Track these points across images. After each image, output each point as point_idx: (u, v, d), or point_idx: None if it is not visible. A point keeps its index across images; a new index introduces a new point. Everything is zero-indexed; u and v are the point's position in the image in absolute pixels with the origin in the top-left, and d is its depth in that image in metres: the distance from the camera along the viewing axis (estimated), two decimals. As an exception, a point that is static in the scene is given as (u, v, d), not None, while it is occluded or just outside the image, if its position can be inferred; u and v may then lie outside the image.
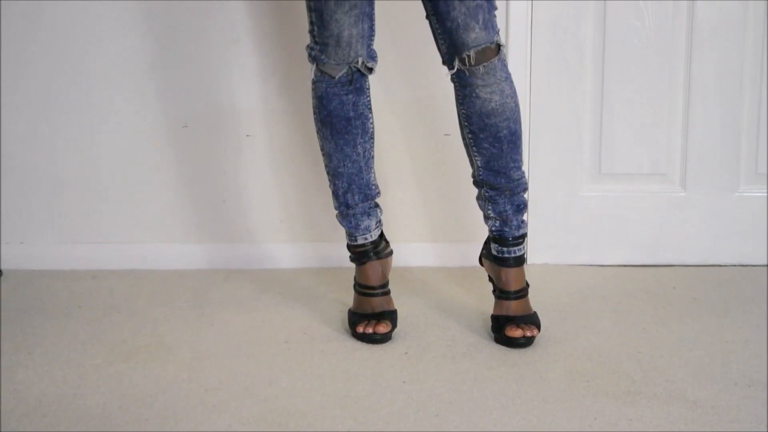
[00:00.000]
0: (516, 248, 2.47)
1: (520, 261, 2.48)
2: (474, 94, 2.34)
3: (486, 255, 2.53)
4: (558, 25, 2.91)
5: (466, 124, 2.39)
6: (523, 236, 2.48)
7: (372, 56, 2.40)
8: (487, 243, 2.54)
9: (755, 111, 2.94)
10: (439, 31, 2.31)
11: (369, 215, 2.52)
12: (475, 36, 2.27)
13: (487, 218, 2.48)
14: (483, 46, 2.28)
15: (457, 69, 2.32)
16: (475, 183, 2.47)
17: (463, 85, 2.35)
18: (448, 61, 2.35)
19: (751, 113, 2.95)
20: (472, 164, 2.44)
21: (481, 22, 2.26)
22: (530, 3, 2.90)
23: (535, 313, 2.49)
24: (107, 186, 3.04)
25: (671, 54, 2.92)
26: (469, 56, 2.29)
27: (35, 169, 3.04)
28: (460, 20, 2.26)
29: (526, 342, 2.41)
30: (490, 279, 2.54)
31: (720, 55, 2.91)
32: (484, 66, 2.30)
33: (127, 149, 3.03)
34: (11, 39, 2.97)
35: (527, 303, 2.49)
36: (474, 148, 2.40)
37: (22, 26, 2.96)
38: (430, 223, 3.05)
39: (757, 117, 2.95)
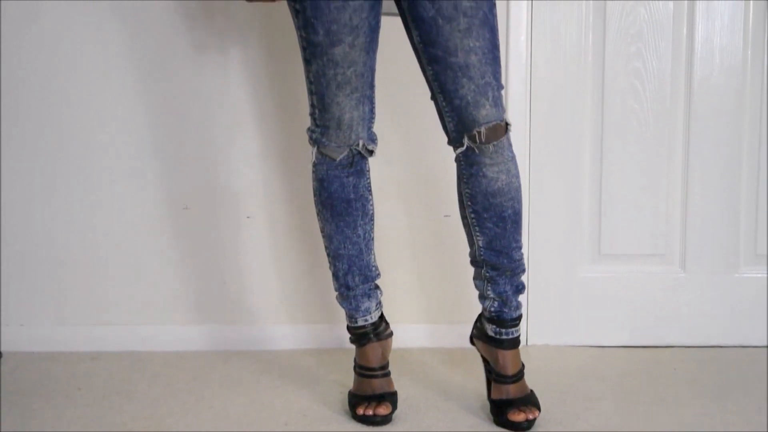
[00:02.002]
0: (513, 329, 2.46)
1: (517, 343, 2.47)
2: (481, 173, 2.35)
3: (479, 336, 2.52)
4: (556, 107, 2.94)
5: (469, 203, 2.39)
6: (520, 317, 2.47)
7: (372, 139, 2.41)
8: (478, 323, 2.53)
9: (753, 192, 2.96)
10: (447, 110, 2.33)
11: (369, 297, 2.52)
12: (486, 113, 2.29)
13: (484, 299, 2.47)
14: (494, 123, 2.30)
15: (467, 147, 2.33)
16: (475, 263, 2.47)
17: (470, 163, 2.36)
18: (455, 140, 2.35)
19: (750, 194, 2.96)
20: (472, 244, 2.44)
21: (491, 99, 2.28)
22: (528, 86, 2.93)
23: (532, 391, 2.48)
24: (107, 267, 3.05)
25: (669, 136, 2.95)
26: (480, 133, 2.30)
27: (35, 250, 3.04)
28: (470, 97, 2.27)
29: (528, 425, 2.39)
30: (484, 359, 2.53)
31: (717, 137, 2.94)
32: (494, 144, 2.31)
33: (127, 230, 3.04)
34: (13, 120, 2.99)
35: (524, 383, 2.48)
36: (477, 227, 2.40)
37: (23, 104, 2.98)
38: (428, 304, 3.05)
39: (756, 198, 2.96)
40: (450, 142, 2.38)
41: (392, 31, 2.44)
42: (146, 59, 2.97)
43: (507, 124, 2.32)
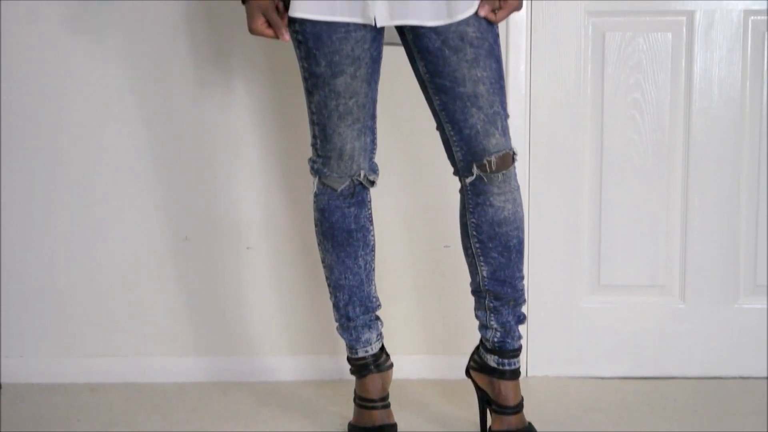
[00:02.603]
0: (515, 360, 2.46)
1: (517, 374, 2.47)
2: (488, 203, 2.35)
3: (478, 368, 2.50)
4: (556, 138, 2.95)
5: (475, 233, 2.39)
6: (521, 348, 2.47)
7: (374, 169, 2.42)
8: (476, 356, 2.52)
9: (753, 222, 2.96)
10: (455, 139, 2.33)
11: (370, 328, 2.52)
12: (495, 141, 2.29)
13: (486, 329, 2.47)
14: (503, 151, 2.31)
15: (476, 176, 2.34)
16: (477, 293, 2.46)
17: (477, 193, 2.36)
18: (464, 169, 2.35)
19: (749, 225, 2.97)
20: (475, 274, 2.44)
21: (500, 128, 2.29)
22: (528, 117, 2.94)
23: (530, 423, 2.47)
24: (107, 298, 3.04)
25: (669, 166, 2.96)
26: (490, 162, 2.30)
27: (35, 281, 3.04)
28: (479, 126, 2.28)
29: (530, 457, 2.40)
30: (480, 390, 2.52)
31: (717, 167, 2.95)
32: (503, 173, 2.32)
33: (126, 261, 3.03)
34: (13, 152, 2.99)
35: (523, 415, 2.47)
36: (481, 257, 2.40)
37: (23, 136, 2.98)
38: (429, 335, 3.04)
39: (755, 228, 2.96)
40: (457, 172, 2.39)
41: (394, 61, 2.45)
42: (148, 89, 2.97)
43: (514, 153, 2.33)
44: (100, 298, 3.04)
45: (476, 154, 2.31)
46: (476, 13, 2.23)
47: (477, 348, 2.52)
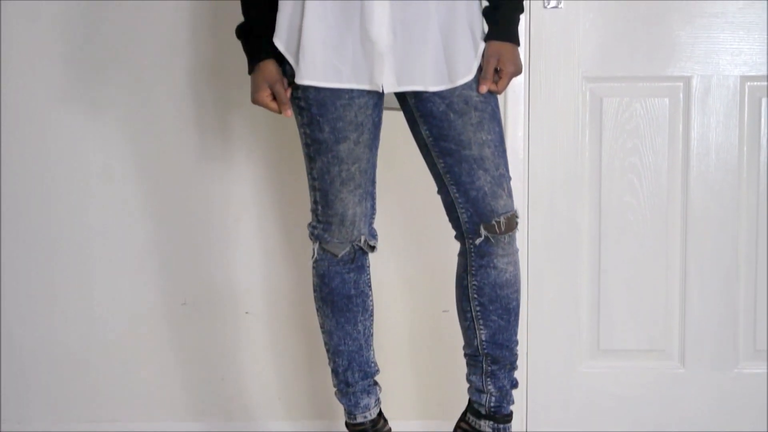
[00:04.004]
0: (508, 425, 2.45)
1: (511, 438, 2.47)
2: (491, 265, 2.35)
3: None
4: (554, 202, 2.96)
5: (476, 295, 2.39)
6: (512, 413, 2.46)
7: (373, 234, 2.42)
8: (463, 423, 2.51)
9: (752, 287, 2.97)
10: (461, 201, 2.33)
11: (368, 393, 2.51)
12: (504, 203, 2.30)
13: (481, 393, 2.45)
14: (510, 213, 2.32)
15: (484, 237, 2.34)
16: (472, 357, 2.45)
17: (481, 255, 2.36)
18: (470, 231, 2.35)
19: (748, 289, 2.97)
20: (472, 338, 2.43)
21: (506, 190, 2.31)
22: (526, 182, 2.95)
23: None
24: (105, 364, 3.03)
25: (667, 230, 2.96)
26: (499, 222, 2.31)
27: (34, 348, 3.03)
28: (487, 188, 2.29)
29: None
30: None
31: (715, 231, 2.95)
32: (508, 235, 2.33)
33: (125, 326, 3.03)
34: (11, 218, 2.99)
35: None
36: (481, 320, 2.40)
37: (22, 205, 2.99)
38: (426, 400, 3.03)
39: (754, 293, 2.97)
40: (460, 235, 2.39)
41: (393, 126, 2.46)
42: (148, 156, 2.98)
43: (517, 215, 2.35)
44: (98, 364, 3.03)
45: (484, 216, 2.31)
46: (478, 88, 2.26)
47: (464, 414, 2.51)
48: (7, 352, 3.03)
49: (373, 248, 2.43)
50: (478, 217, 2.32)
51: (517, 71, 2.30)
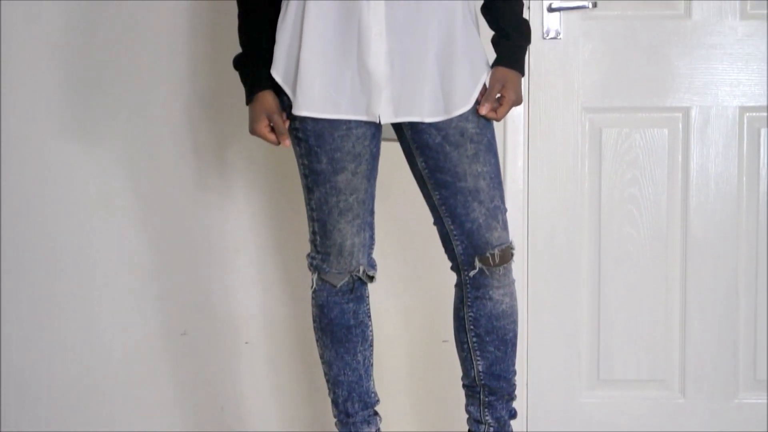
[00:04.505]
0: (507, 456, 2.45)
1: (509, 469, 2.46)
2: (487, 296, 2.35)
3: None
4: (554, 232, 2.96)
5: (472, 327, 2.39)
6: (511, 444, 2.47)
7: (372, 265, 2.42)
8: None
9: (752, 317, 2.97)
10: (456, 233, 2.33)
11: (369, 423, 2.50)
12: (498, 235, 2.30)
13: (479, 424, 2.45)
14: (505, 245, 2.32)
15: (478, 269, 2.34)
16: (470, 388, 2.45)
17: (476, 286, 2.36)
18: (465, 263, 2.35)
19: (748, 319, 2.97)
20: (470, 369, 2.43)
21: (501, 222, 2.31)
22: (526, 212, 2.96)
23: None
24: (105, 393, 3.03)
25: (667, 261, 2.96)
26: (493, 255, 2.31)
27: (33, 377, 3.02)
28: (481, 220, 2.29)
29: None
30: None
31: (714, 262, 2.95)
32: (503, 267, 2.33)
33: (125, 356, 3.02)
34: (12, 247, 3.00)
35: None
36: (477, 351, 2.39)
37: (22, 232, 3.00)
38: (426, 429, 3.03)
39: (754, 323, 2.97)
40: (455, 267, 2.39)
41: (392, 156, 2.47)
42: (148, 187, 2.99)
43: (513, 247, 2.35)
44: (98, 394, 3.03)
45: (479, 248, 2.31)
46: (476, 111, 2.26)
47: None
48: (6, 380, 3.02)
49: (371, 278, 2.43)
50: (473, 249, 2.32)
51: (518, 101, 2.30)
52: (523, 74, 2.32)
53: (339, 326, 2.43)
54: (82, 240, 3.00)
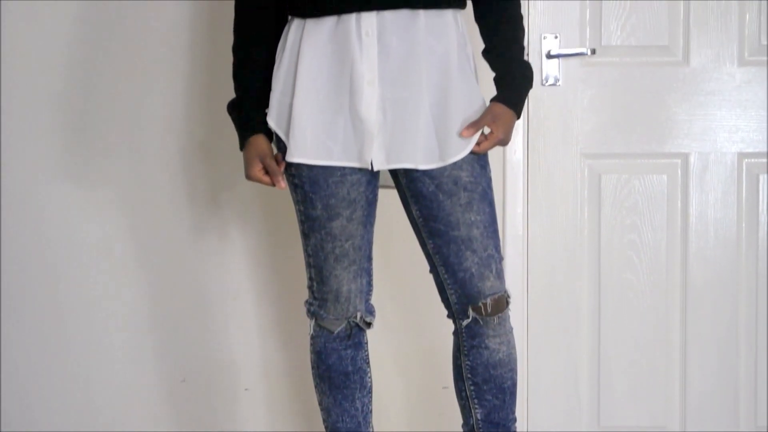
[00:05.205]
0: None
1: None
2: (483, 345, 2.34)
3: None
4: (553, 278, 2.96)
5: (469, 375, 2.38)
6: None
7: (370, 311, 2.42)
8: None
9: (752, 364, 2.96)
10: (449, 282, 2.33)
11: (367, 470, 2.49)
12: (490, 284, 2.30)
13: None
14: (498, 294, 2.31)
15: (472, 318, 2.33)
16: (468, 437, 2.45)
17: (472, 335, 2.35)
18: (459, 312, 2.35)
19: (748, 366, 2.96)
20: (469, 417, 2.42)
21: (494, 272, 2.30)
22: (525, 259, 2.96)
23: None
24: (104, 440, 3.03)
25: (666, 307, 2.96)
26: (485, 304, 2.30)
27: (31, 425, 3.02)
28: (474, 270, 2.29)
29: None
30: None
31: (714, 308, 2.95)
32: (498, 316, 2.32)
33: (124, 403, 3.02)
34: (11, 291, 3.00)
35: None
36: (476, 400, 2.39)
37: (21, 279, 3.00)
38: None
39: (755, 370, 2.95)
40: (451, 315, 2.38)
41: (391, 203, 2.47)
42: (146, 234, 3.00)
43: (508, 296, 2.34)
44: (96, 440, 3.03)
45: (471, 297, 2.31)
46: (471, 159, 2.26)
47: None
48: (7, 429, 3.02)
49: (369, 325, 2.42)
50: (466, 298, 2.32)
51: (505, 140, 2.29)
52: (519, 116, 2.32)
53: (337, 372, 2.42)
54: (81, 286, 3.01)
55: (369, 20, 2.21)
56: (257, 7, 2.32)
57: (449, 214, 2.26)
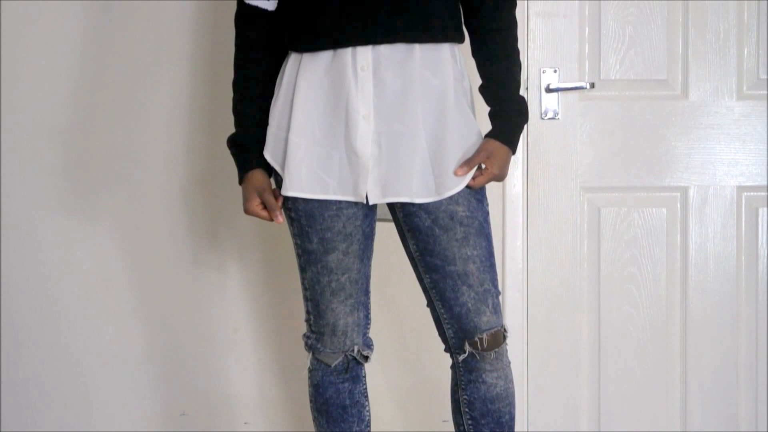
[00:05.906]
0: None
1: None
2: (480, 379, 2.34)
3: None
4: (553, 312, 2.96)
5: (467, 410, 2.37)
6: None
7: (368, 344, 2.42)
8: None
9: (752, 397, 2.95)
10: (446, 317, 2.33)
11: (365, 506, 2.48)
12: (487, 319, 2.29)
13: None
14: (495, 329, 2.30)
15: (468, 353, 2.33)
16: (468, 471, 2.44)
17: (469, 370, 2.34)
18: (455, 347, 2.35)
19: (749, 400, 2.95)
20: (467, 452, 2.42)
21: (491, 306, 2.29)
22: (525, 293, 2.96)
23: None
24: (102, 475, 3.03)
25: (667, 340, 2.96)
26: (482, 339, 2.29)
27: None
28: (470, 305, 2.28)
29: None
30: None
31: (714, 342, 2.95)
32: (495, 351, 2.31)
33: (123, 437, 3.03)
34: (9, 328, 3.01)
35: None
36: (473, 434, 2.39)
37: (20, 315, 3.01)
38: None
39: (755, 403, 2.95)
40: (448, 350, 2.38)
41: (389, 237, 2.47)
42: (145, 267, 3.00)
43: (505, 330, 2.33)
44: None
45: (468, 332, 2.30)
46: (467, 194, 2.26)
47: None
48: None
49: (366, 358, 2.42)
50: (462, 333, 2.31)
51: (501, 176, 2.29)
52: (514, 152, 2.31)
53: (334, 406, 2.42)
54: (80, 319, 3.01)
55: (365, 55, 2.22)
56: (256, 45, 2.33)
57: (445, 249, 2.26)
